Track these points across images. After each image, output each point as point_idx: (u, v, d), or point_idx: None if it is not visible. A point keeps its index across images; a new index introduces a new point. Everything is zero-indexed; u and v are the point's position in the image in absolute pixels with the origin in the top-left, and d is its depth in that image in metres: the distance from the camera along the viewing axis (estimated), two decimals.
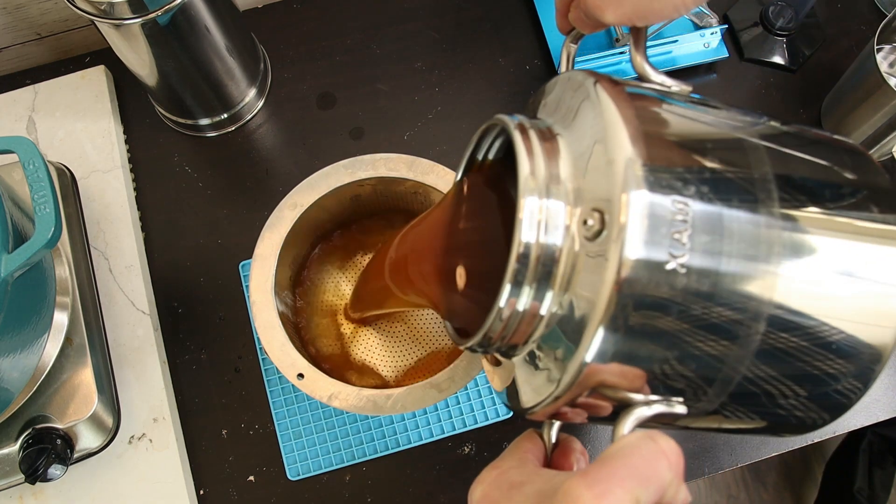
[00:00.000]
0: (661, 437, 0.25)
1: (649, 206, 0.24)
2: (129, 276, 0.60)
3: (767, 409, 0.29)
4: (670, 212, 0.24)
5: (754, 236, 0.25)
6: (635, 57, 0.32)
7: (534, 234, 0.27)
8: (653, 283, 0.24)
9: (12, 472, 0.51)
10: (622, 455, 0.24)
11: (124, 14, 0.51)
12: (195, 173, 0.66)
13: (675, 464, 0.25)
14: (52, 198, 0.45)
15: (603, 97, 0.27)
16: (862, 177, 0.30)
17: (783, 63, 0.66)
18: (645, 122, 0.26)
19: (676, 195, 0.24)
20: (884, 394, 0.57)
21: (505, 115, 0.31)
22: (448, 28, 0.69)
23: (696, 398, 0.27)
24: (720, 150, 0.27)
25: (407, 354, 0.56)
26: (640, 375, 0.26)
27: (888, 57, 0.62)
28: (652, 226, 0.24)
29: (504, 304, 0.28)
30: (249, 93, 0.66)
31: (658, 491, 0.24)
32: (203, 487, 0.57)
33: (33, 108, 0.65)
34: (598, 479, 0.24)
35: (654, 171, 0.24)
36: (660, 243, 0.24)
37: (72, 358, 0.54)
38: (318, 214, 0.52)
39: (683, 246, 0.24)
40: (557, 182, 0.27)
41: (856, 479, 1.05)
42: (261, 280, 0.49)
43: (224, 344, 0.60)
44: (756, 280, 0.25)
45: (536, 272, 0.27)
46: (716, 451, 0.57)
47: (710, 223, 0.25)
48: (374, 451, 0.57)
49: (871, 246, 0.28)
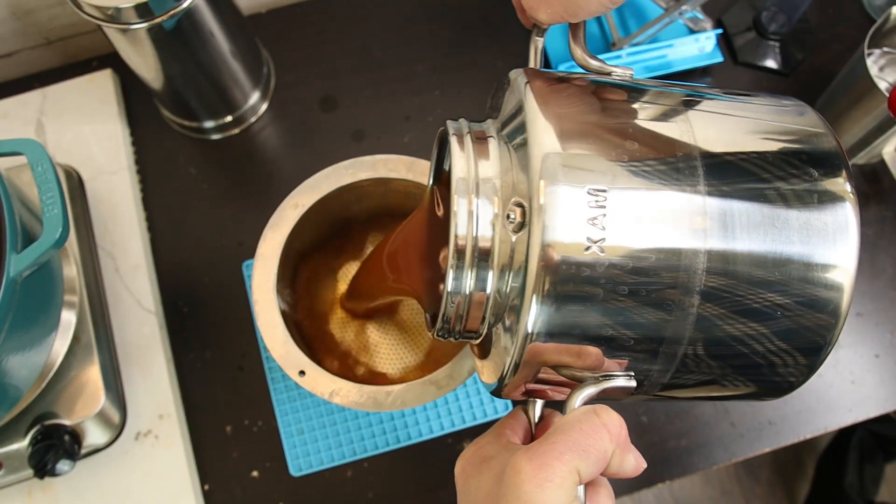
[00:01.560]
0: (603, 411, 0.27)
1: (563, 197, 0.26)
2: (136, 276, 0.62)
3: (728, 375, 0.29)
4: (586, 200, 0.26)
5: (676, 214, 0.26)
6: (575, 50, 0.33)
7: (465, 228, 0.29)
8: (573, 269, 0.26)
9: (21, 467, 0.52)
10: (563, 430, 0.26)
11: (131, 19, 0.52)
12: (200, 175, 0.67)
13: (617, 435, 0.26)
14: (60, 199, 0.46)
15: (528, 96, 0.29)
16: (802, 141, 0.29)
17: (776, 67, 0.67)
18: (566, 118, 0.28)
19: (592, 184, 0.26)
20: (874, 391, 0.58)
21: (450, 121, 0.33)
22: (448, 32, 0.70)
23: (647, 371, 0.29)
24: (643, 134, 0.28)
25: (408, 352, 0.57)
26: (584, 351, 0.27)
27: (878, 61, 0.63)
28: (566, 216, 0.26)
29: (451, 289, 0.30)
30: (253, 96, 0.67)
31: (599, 462, 0.26)
32: (207, 483, 0.58)
33: (42, 111, 0.66)
34: (538, 453, 0.26)
35: (568, 164, 0.26)
36: (576, 231, 0.26)
37: (79, 356, 0.55)
38: (319, 214, 0.53)
39: (602, 230, 0.26)
40: (486, 181, 0.30)
41: (846, 474, 1.06)
42: (263, 279, 0.50)
43: (228, 342, 0.61)
44: (682, 255, 0.26)
45: (474, 261, 0.30)
46: (710, 447, 0.58)
47: (628, 206, 0.26)
48: (374, 448, 0.58)
49: (802, 213, 0.27)
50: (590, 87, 0.30)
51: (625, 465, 0.27)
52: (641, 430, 0.58)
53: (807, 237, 0.27)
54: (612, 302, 0.26)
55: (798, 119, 0.31)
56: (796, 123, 0.30)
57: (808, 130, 0.30)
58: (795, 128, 0.30)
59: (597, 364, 0.28)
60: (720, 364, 0.29)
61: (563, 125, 0.27)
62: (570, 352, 0.27)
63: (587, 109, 0.28)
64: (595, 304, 0.26)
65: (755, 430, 0.58)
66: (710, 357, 0.28)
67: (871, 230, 0.63)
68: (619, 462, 0.27)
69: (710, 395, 0.31)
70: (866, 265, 0.62)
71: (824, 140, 0.30)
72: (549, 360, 0.28)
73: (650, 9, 0.68)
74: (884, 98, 0.55)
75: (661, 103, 0.30)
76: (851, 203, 0.28)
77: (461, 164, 0.30)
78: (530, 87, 0.29)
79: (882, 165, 0.64)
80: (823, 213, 0.27)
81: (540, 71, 0.31)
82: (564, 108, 0.28)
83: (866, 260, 0.62)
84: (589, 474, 0.26)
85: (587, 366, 0.28)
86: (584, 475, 0.26)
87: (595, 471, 0.26)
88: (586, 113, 0.28)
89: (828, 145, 0.29)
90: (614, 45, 0.66)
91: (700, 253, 0.26)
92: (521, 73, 0.31)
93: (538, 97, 0.28)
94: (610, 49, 0.67)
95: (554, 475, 0.25)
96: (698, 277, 0.26)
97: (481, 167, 0.30)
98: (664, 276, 0.26)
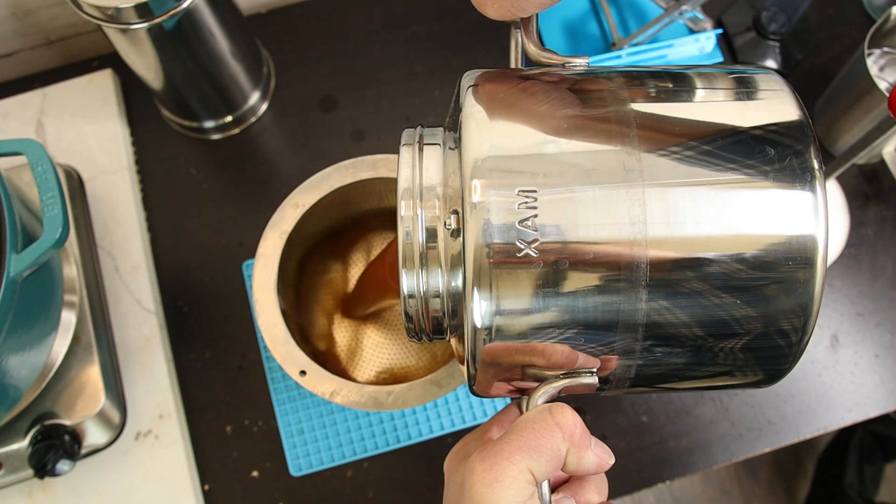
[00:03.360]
0: (557, 410, 0.27)
1: (493, 202, 0.26)
2: (136, 276, 0.62)
3: (699, 364, 0.28)
4: (516, 203, 0.26)
5: (611, 208, 0.26)
6: (527, 45, 0.33)
7: (411, 235, 0.30)
8: (507, 272, 0.26)
9: (22, 467, 0.52)
10: (516, 429, 0.27)
11: (131, 19, 0.52)
12: (200, 175, 0.67)
13: (571, 434, 0.26)
14: (60, 199, 0.46)
15: (466, 100, 0.29)
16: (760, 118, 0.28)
17: (776, 67, 0.68)
18: (501, 120, 0.28)
19: (522, 185, 0.26)
20: (874, 391, 0.58)
21: (406, 130, 0.34)
22: (448, 32, 0.70)
23: (609, 367, 0.28)
24: (579, 129, 0.27)
25: (408, 351, 0.57)
26: (539, 350, 0.27)
27: (878, 61, 0.63)
28: (497, 221, 0.26)
29: (405, 292, 0.31)
30: (253, 96, 0.67)
31: (552, 461, 0.26)
32: (208, 483, 0.58)
33: (42, 111, 0.66)
34: (490, 454, 0.26)
35: (497, 167, 0.26)
36: (508, 235, 0.26)
37: (79, 356, 0.55)
38: (320, 214, 0.53)
39: (535, 231, 0.26)
40: (430, 189, 0.30)
41: (846, 474, 1.06)
42: (263, 279, 0.50)
43: (228, 342, 0.62)
44: (622, 250, 0.26)
45: (422, 265, 0.30)
46: (710, 448, 0.58)
47: (560, 205, 0.26)
48: (375, 448, 0.58)
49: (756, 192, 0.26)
50: (537, 84, 0.30)
51: (583, 463, 0.27)
52: (641, 430, 0.58)
53: (762, 216, 0.26)
54: (555, 301, 0.26)
55: (759, 93, 0.29)
56: (755, 98, 0.28)
57: (768, 106, 0.28)
58: (753, 103, 0.28)
59: (559, 362, 0.28)
60: (686, 355, 0.28)
61: (497, 127, 0.27)
62: (526, 351, 0.27)
63: (526, 108, 0.28)
64: (538, 304, 0.26)
65: (755, 430, 0.58)
66: (673, 349, 0.27)
67: (871, 230, 0.63)
68: (575, 460, 0.27)
69: (692, 386, 0.30)
70: (866, 265, 0.62)
71: (786, 110, 0.28)
72: (506, 360, 0.28)
73: (650, 9, 0.68)
74: (884, 98, 0.56)
75: (607, 94, 0.29)
76: (816, 177, 0.26)
77: (406, 173, 0.31)
78: (471, 90, 0.29)
79: (882, 165, 0.64)
80: (781, 191, 0.26)
81: (493, 72, 0.31)
82: (502, 109, 0.28)
83: (866, 260, 0.62)
84: (543, 473, 0.26)
85: (549, 364, 0.28)
86: (537, 474, 0.26)
87: (549, 469, 0.26)
88: (524, 112, 0.28)
89: (790, 117, 0.28)
90: (614, 46, 0.66)
91: (641, 245, 0.25)
92: (468, 76, 0.31)
93: (476, 100, 0.29)
94: (610, 49, 0.67)
95: (503, 475, 0.26)
96: (642, 271, 0.26)
97: (426, 175, 0.31)
98: (605, 273, 0.26)
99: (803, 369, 0.59)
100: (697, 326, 0.26)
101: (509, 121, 0.28)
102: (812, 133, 0.27)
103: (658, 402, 0.59)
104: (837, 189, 0.64)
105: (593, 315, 0.26)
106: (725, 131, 0.27)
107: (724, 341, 0.27)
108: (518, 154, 0.27)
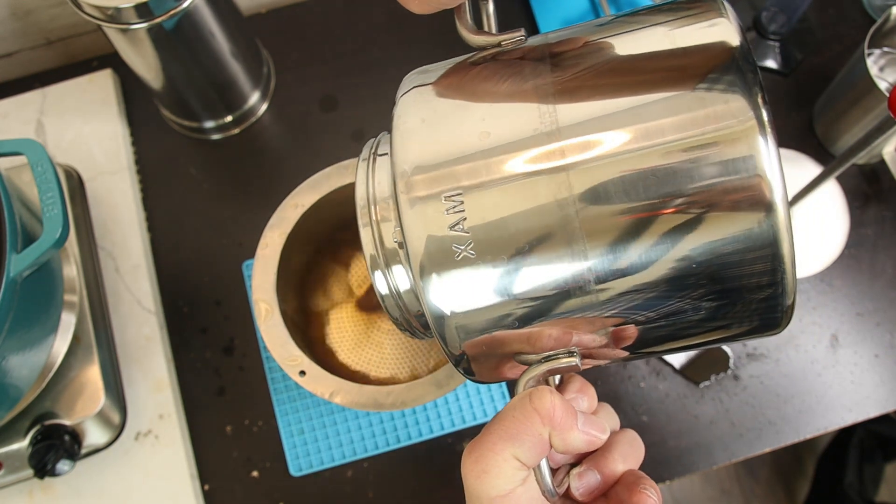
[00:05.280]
0: (536, 395, 0.27)
1: (421, 213, 0.26)
2: (136, 276, 0.62)
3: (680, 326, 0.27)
4: (444, 208, 0.26)
5: (539, 200, 0.25)
6: (461, 31, 0.33)
7: (369, 245, 0.30)
8: (450, 278, 0.26)
9: (22, 467, 0.52)
10: (498, 419, 0.27)
11: (131, 19, 0.52)
12: (200, 175, 0.67)
13: (550, 417, 0.26)
14: (60, 199, 0.46)
15: (395, 111, 0.29)
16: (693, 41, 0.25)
17: (776, 67, 0.68)
18: (428, 121, 0.28)
19: (448, 190, 0.26)
20: (874, 391, 0.58)
21: (370, 140, 0.34)
22: (448, 32, 0.70)
23: (588, 345, 0.28)
24: (497, 118, 0.27)
25: (408, 351, 0.57)
26: (506, 339, 0.28)
27: (878, 61, 0.63)
28: (429, 231, 0.26)
29: (380, 292, 0.31)
30: (253, 96, 0.67)
31: (535, 445, 0.26)
32: (208, 483, 0.58)
33: (42, 111, 0.66)
34: (476, 446, 0.27)
35: (421, 175, 0.27)
36: (441, 242, 0.26)
37: (79, 356, 0.55)
38: (320, 214, 0.53)
39: (466, 234, 0.26)
40: (383, 200, 0.31)
41: (846, 473, 1.06)
42: (263, 279, 0.50)
43: (228, 342, 0.62)
44: (559, 242, 0.25)
45: (386, 270, 0.30)
46: (710, 447, 0.58)
47: (486, 204, 0.26)
48: (374, 448, 0.58)
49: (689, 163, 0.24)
50: (465, 75, 0.29)
51: (570, 444, 0.27)
52: (641, 430, 0.58)
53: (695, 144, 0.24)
54: (504, 291, 0.26)
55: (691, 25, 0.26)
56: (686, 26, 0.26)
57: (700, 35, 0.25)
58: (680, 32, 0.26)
59: (535, 346, 0.28)
60: (651, 310, 0.26)
61: (420, 134, 0.27)
62: (496, 342, 0.28)
63: (450, 106, 0.28)
64: (488, 298, 0.26)
65: (755, 429, 0.58)
66: (637, 309, 0.26)
67: (870, 230, 0.63)
68: (560, 442, 0.27)
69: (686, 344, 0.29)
70: (866, 265, 0.62)
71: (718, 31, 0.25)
72: (480, 353, 0.28)
73: None
74: (884, 98, 0.55)
75: (528, 69, 0.28)
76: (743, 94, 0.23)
77: (361, 188, 0.32)
78: (403, 97, 0.30)
79: (882, 165, 0.64)
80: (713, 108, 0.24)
81: (429, 70, 0.32)
82: (427, 111, 0.28)
83: (866, 260, 0.62)
84: (529, 458, 0.27)
85: (524, 349, 0.28)
86: (524, 459, 0.27)
87: (534, 454, 0.27)
88: (447, 110, 0.28)
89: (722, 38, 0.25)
90: None
91: (575, 229, 0.25)
92: (408, 79, 0.31)
93: (403, 109, 0.29)
94: None
95: (489, 466, 0.26)
96: (583, 255, 0.25)
97: (378, 189, 0.31)
98: (548, 263, 0.25)
99: (803, 369, 0.59)
100: (653, 280, 0.25)
101: (432, 124, 0.28)
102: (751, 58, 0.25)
103: (658, 402, 0.59)
104: (837, 189, 0.64)
105: (549, 305, 0.26)
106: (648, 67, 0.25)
107: (687, 291, 0.25)
108: (440, 160, 0.27)
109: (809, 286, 0.61)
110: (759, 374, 0.59)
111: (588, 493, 0.30)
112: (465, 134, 0.27)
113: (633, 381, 0.59)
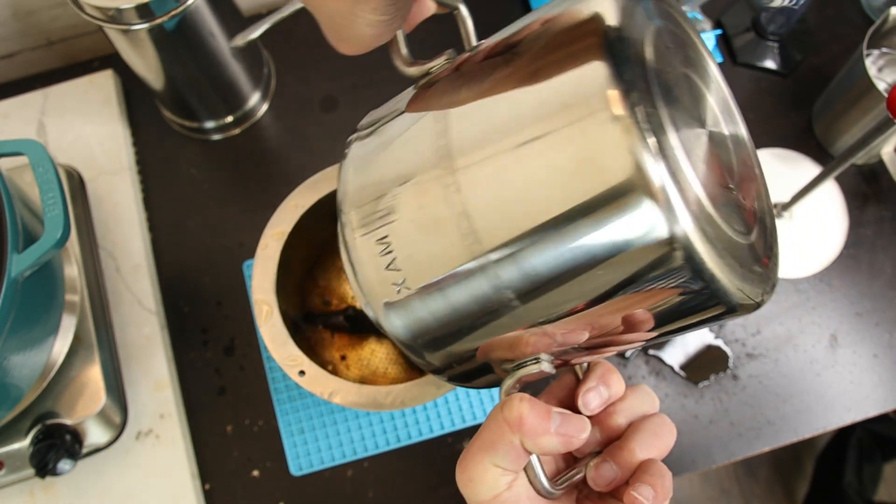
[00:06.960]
0: (506, 405, 0.28)
1: (364, 259, 0.28)
2: (137, 276, 0.62)
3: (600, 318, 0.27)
4: (378, 251, 0.28)
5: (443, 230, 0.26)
6: (396, 63, 0.34)
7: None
8: (398, 313, 0.28)
9: (23, 466, 0.53)
10: (480, 430, 0.29)
11: (132, 20, 0.52)
12: (201, 175, 0.67)
13: (518, 426, 0.27)
14: (61, 199, 0.46)
15: (342, 165, 0.31)
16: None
17: (775, 68, 0.68)
18: (359, 175, 0.30)
19: (378, 234, 0.28)
20: (873, 390, 0.59)
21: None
22: (448, 33, 0.70)
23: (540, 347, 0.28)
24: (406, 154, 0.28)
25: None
26: (468, 353, 0.29)
27: (877, 61, 0.63)
28: (370, 276, 0.28)
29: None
30: (254, 96, 0.67)
31: (510, 452, 0.27)
32: (208, 482, 0.58)
33: (43, 111, 0.67)
34: (464, 457, 0.29)
35: (357, 219, 0.29)
36: (383, 283, 0.28)
37: (80, 356, 0.55)
38: (319, 214, 0.53)
39: (399, 272, 0.28)
40: None
41: (845, 473, 1.06)
42: (263, 279, 0.50)
43: (228, 342, 0.62)
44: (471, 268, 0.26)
45: None
46: (709, 447, 0.58)
47: (408, 243, 0.27)
48: (374, 448, 0.58)
49: None
50: (394, 114, 0.31)
51: (543, 447, 0.27)
52: None
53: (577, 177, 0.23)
54: (446, 313, 0.28)
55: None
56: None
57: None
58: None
59: (499, 356, 0.29)
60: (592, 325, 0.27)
61: (357, 181, 0.30)
62: (463, 356, 0.29)
63: (377, 149, 0.30)
64: (436, 321, 0.28)
65: (754, 429, 0.58)
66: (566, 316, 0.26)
67: (869, 230, 0.63)
68: (533, 446, 0.27)
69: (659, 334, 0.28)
70: (865, 265, 0.62)
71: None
72: (463, 365, 0.30)
73: None
74: (882, 98, 0.56)
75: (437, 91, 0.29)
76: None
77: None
78: (347, 150, 0.32)
79: (881, 165, 0.64)
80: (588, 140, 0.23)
81: (373, 116, 0.33)
82: (371, 152, 0.30)
83: (865, 260, 0.62)
84: (508, 464, 0.28)
85: (493, 360, 0.29)
86: (505, 466, 0.28)
87: (511, 460, 0.28)
88: (376, 155, 0.30)
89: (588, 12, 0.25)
90: None
91: (484, 253, 0.26)
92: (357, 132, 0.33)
93: (347, 162, 0.31)
94: None
95: (473, 475, 0.28)
96: (490, 263, 0.25)
97: None
98: (467, 284, 0.27)
99: (802, 369, 0.59)
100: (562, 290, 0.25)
101: (365, 171, 0.30)
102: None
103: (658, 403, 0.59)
104: (836, 189, 0.64)
105: (477, 310, 0.27)
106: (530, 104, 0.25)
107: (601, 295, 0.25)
108: (369, 204, 0.29)
109: (808, 286, 0.61)
110: (759, 373, 0.59)
111: (606, 485, 0.30)
112: (384, 173, 0.29)
113: (633, 381, 0.59)
